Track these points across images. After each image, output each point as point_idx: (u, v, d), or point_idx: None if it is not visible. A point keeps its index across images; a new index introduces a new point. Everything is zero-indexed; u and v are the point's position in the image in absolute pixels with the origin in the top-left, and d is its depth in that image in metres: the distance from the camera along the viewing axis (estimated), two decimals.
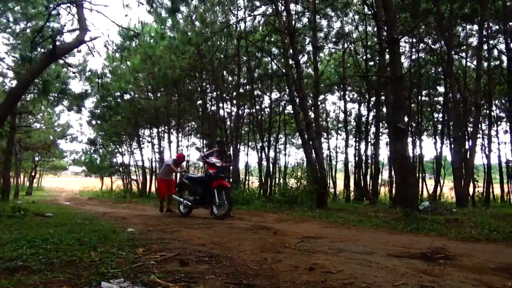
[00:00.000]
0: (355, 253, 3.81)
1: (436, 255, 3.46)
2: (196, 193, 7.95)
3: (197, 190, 7.92)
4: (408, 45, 18.26)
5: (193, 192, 8.06)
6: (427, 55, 17.81)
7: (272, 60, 17.17)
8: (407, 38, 17.48)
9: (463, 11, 14.64)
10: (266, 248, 3.98)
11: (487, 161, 17.70)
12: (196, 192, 7.95)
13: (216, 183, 7.49)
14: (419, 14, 13.65)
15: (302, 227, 6.16)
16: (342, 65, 18.69)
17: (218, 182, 7.49)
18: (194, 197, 7.95)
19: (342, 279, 2.69)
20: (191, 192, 8.14)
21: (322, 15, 16.49)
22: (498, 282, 2.69)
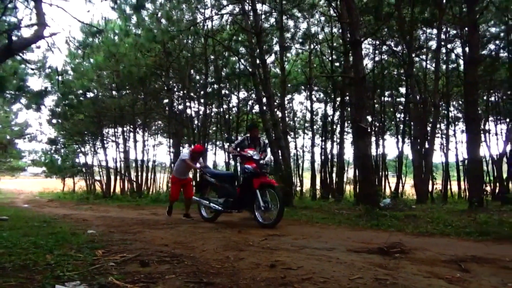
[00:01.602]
0: (316, 249, 3.89)
1: (392, 250, 3.60)
2: (228, 194, 6.39)
3: (228, 191, 6.42)
4: (372, 47, 18.81)
5: (223, 193, 6.50)
6: (390, 57, 18.41)
7: (239, 60, 17.18)
8: (370, 40, 18.01)
9: (423, 15, 15.23)
10: (229, 247, 4.00)
11: (445, 159, 18.55)
12: (228, 193, 6.40)
13: (258, 181, 5.95)
14: (381, 17, 14.07)
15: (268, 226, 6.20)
16: (309, 66, 18.99)
17: (260, 180, 5.97)
18: (226, 199, 6.39)
19: (301, 274, 2.75)
20: (220, 193, 6.60)
21: (289, 16, 16.67)
22: (448, 273, 2.83)
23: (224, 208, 6.41)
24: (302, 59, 20.29)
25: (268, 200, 5.86)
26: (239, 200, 6.25)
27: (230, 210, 6.49)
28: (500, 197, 11.94)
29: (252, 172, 6.04)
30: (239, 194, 6.25)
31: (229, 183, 6.57)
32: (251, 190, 5.98)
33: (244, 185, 6.18)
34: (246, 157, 6.25)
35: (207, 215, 6.87)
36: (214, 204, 6.54)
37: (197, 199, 7.01)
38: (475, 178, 9.27)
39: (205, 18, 15.74)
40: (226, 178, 6.74)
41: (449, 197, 17.06)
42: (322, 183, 18.86)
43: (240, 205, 6.35)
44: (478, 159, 9.59)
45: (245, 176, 6.15)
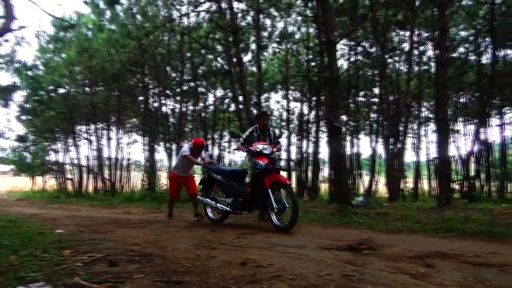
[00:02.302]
0: (288, 247, 3.93)
1: (361, 246, 3.68)
2: (237, 193, 5.75)
3: (237, 190, 5.77)
4: (347, 48, 19.09)
5: (231, 192, 5.86)
6: (364, 58, 18.74)
7: (215, 58, 17.10)
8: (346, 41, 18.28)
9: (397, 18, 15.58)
10: (201, 245, 3.99)
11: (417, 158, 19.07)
12: (236, 192, 5.76)
13: (270, 180, 5.23)
14: (356, 18, 14.30)
15: (240, 224, 6.22)
16: (285, 65, 19.09)
17: (272, 178, 5.25)
18: (234, 199, 5.75)
19: (271, 272, 2.78)
20: (227, 192, 5.96)
21: (266, 15, 16.71)
22: (412, 269, 2.92)
23: (232, 208, 5.73)
24: (279, 58, 20.39)
25: (282, 200, 5.17)
26: (249, 199, 5.56)
27: (239, 211, 5.81)
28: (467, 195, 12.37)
29: (264, 169, 5.31)
30: (249, 193, 5.54)
31: (238, 181, 5.94)
32: (263, 189, 5.30)
33: (255, 183, 5.49)
34: (256, 152, 5.53)
35: (214, 217, 6.26)
36: (221, 205, 5.88)
37: (202, 199, 6.35)
38: (443, 176, 9.57)
39: (181, 14, 15.57)
40: (234, 175, 6.08)
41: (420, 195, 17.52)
42: (298, 182, 19.03)
43: (250, 205, 5.68)
44: (446, 159, 9.90)
45: (256, 173, 5.47)
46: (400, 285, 2.46)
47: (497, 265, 3.01)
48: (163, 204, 10.09)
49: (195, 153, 6.69)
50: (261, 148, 5.50)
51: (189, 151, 6.63)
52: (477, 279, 2.66)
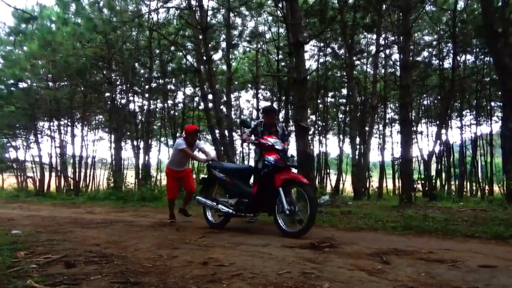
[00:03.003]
0: (252, 245, 3.95)
1: (322, 244, 3.75)
2: (241, 193, 5.13)
3: (242, 189, 5.16)
4: (317, 49, 19.40)
5: (235, 192, 5.20)
6: (333, 59, 19.10)
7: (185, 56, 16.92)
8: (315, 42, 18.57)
9: (364, 21, 15.97)
10: (164, 245, 3.94)
11: (382, 158, 19.66)
12: (241, 192, 5.14)
13: (282, 177, 4.68)
14: (325, 20, 14.54)
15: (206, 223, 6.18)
16: (256, 64, 19.16)
17: (284, 176, 4.70)
18: (238, 199, 5.12)
19: (232, 271, 2.78)
20: (231, 192, 5.27)
21: (236, 13, 16.69)
22: (370, 266, 3.01)
23: (236, 211, 5.11)
24: (249, 58, 20.43)
25: (294, 201, 4.66)
26: (255, 201, 4.98)
27: (244, 214, 5.15)
28: (428, 194, 12.87)
29: (274, 166, 4.77)
30: (256, 194, 4.95)
31: (243, 180, 5.35)
32: (272, 189, 4.75)
33: (263, 182, 4.90)
34: (266, 146, 4.98)
35: (214, 220, 5.59)
36: (223, 206, 5.25)
37: (202, 200, 5.62)
38: (406, 176, 9.90)
39: (150, 10, 15.31)
40: (239, 173, 5.47)
41: (384, 194, 18.08)
42: None
43: (257, 207, 5.09)
44: (409, 159, 10.24)
45: (266, 170, 4.86)
46: (357, 282, 2.53)
47: (449, 261, 3.15)
48: (128, 203, 9.90)
49: (190, 144, 5.97)
50: (273, 142, 4.96)
51: (184, 141, 5.94)
52: (429, 274, 2.77)
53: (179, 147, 5.91)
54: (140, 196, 10.80)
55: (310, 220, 4.43)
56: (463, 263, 3.09)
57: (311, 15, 14.79)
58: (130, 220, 6.30)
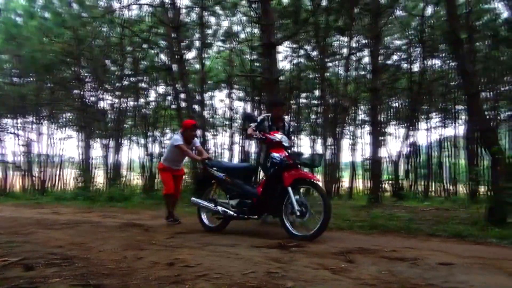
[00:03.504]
0: (220, 246, 3.94)
1: (289, 244, 3.79)
2: (244, 194, 4.78)
3: (245, 189, 4.80)
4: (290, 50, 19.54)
5: (237, 192, 4.85)
6: (306, 60, 19.30)
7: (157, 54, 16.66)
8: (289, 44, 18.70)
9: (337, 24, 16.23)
10: (131, 246, 3.87)
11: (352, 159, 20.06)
12: (244, 193, 4.78)
13: (291, 176, 4.38)
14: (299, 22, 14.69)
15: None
16: (230, 64, 19.12)
17: (294, 174, 4.40)
18: (241, 200, 4.78)
19: (198, 271, 2.77)
20: (232, 192, 4.91)
21: (211, 12, 16.59)
22: (334, 264, 3.06)
23: (238, 212, 4.75)
24: (223, 57, 20.35)
25: (305, 202, 4.35)
26: (260, 202, 4.62)
27: (248, 216, 4.75)
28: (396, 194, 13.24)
29: (282, 164, 4.46)
30: (261, 194, 4.61)
31: (245, 179, 4.97)
32: (280, 189, 4.46)
33: (270, 181, 4.61)
34: (273, 143, 4.66)
35: (210, 223, 5.21)
36: (223, 208, 4.86)
37: (197, 202, 5.20)
38: (374, 176, 10.17)
39: (122, 6, 14.99)
40: (241, 172, 5.08)
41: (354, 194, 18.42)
42: None
43: (262, 209, 4.73)
44: (378, 159, 10.51)
45: (273, 169, 4.54)
46: (320, 280, 2.57)
47: (410, 259, 3.25)
48: (96, 204, 9.66)
49: (188, 141, 5.61)
50: (279, 138, 4.65)
51: (181, 137, 5.55)
52: (391, 272, 2.85)
53: (175, 143, 5.55)
54: (109, 196, 10.56)
55: (324, 222, 4.13)
56: (423, 261, 3.20)
57: (285, 17, 14.91)
58: (97, 221, 6.13)
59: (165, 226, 5.60)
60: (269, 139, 4.70)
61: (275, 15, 12.46)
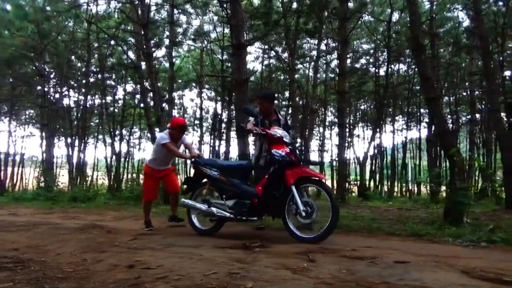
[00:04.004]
0: (183, 247, 3.91)
1: (253, 245, 3.81)
2: (241, 194, 4.45)
3: (242, 189, 4.47)
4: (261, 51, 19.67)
5: (233, 192, 4.52)
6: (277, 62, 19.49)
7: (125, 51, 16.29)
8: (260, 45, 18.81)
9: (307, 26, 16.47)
10: (91, 248, 3.77)
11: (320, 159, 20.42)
12: (241, 193, 4.46)
13: (295, 174, 4.13)
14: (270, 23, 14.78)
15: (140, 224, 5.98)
16: (200, 63, 19.01)
17: (298, 172, 4.15)
18: (238, 201, 4.46)
19: (158, 273, 2.73)
20: (227, 192, 4.58)
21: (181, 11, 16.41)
22: (296, 264, 3.10)
23: (236, 214, 4.43)
24: (194, 56, 20.21)
25: (311, 202, 4.13)
26: (261, 202, 4.31)
27: (246, 217, 4.41)
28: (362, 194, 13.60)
29: (284, 161, 4.20)
30: (262, 194, 4.30)
31: (241, 178, 4.60)
32: (282, 188, 4.22)
33: (271, 180, 4.30)
34: (274, 139, 4.37)
35: (201, 226, 4.90)
36: (218, 209, 4.54)
37: (188, 203, 4.86)
38: (341, 177, 10.39)
39: (89, 1, 14.56)
40: (236, 170, 4.72)
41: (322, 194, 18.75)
42: None
43: (262, 209, 4.41)
44: (344, 160, 10.76)
45: (275, 166, 4.27)
46: (280, 280, 2.60)
47: (369, 257, 3.34)
48: (58, 204, 9.34)
49: (175, 139, 5.26)
50: (280, 134, 4.36)
51: (168, 136, 5.24)
52: (350, 271, 2.92)
53: (161, 142, 5.20)
54: (72, 196, 10.24)
55: (332, 223, 3.93)
56: (381, 259, 3.29)
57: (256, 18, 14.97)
58: (57, 222, 5.93)
59: (129, 227, 5.49)
60: (269, 135, 4.38)
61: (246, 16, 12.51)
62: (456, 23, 16.76)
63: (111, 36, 14.46)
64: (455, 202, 5.06)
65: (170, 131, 5.28)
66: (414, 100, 20.02)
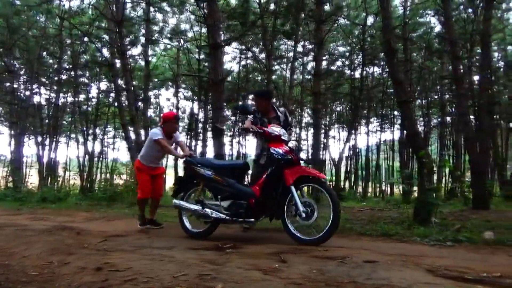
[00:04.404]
0: (156, 248, 3.86)
1: (226, 246, 3.80)
2: (237, 194, 4.30)
3: (238, 189, 4.32)
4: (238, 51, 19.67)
5: (228, 192, 4.36)
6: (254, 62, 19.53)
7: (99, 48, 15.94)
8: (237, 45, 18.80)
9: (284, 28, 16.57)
10: (58, 251, 3.66)
11: None
12: (237, 193, 4.31)
13: (295, 173, 4.03)
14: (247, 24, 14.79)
15: (112, 225, 5.91)
16: (176, 62, 18.83)
17: (297, 172, 4.05)
18: (234, 202, 4.31)
19: (126, 276, 2.68)
20: (222, 192, 4.41)
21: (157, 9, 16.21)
22: (267, 265, 3.11)
23: (232, 216, 4.26)
24: (170, 55, 20.00)
25: (311, 202, 4.01)
26: (259, 203, 4.17)
27: (244, 219, 4.26)
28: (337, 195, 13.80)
29: (283, 160, 4.09)
30: (260, 194, 4.16)
31: (237, 178, 4.43)
32: (281, 188, 4.10)
33: (270, 179, 4.17)
34: (272, 137, 4.25)
35: (194, 228, 4.71)
36: (213, 211, 4.36)
37: (180, 204, 4.64)
38: None
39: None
40: (232, 169, 4.53)
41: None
42: None
43: (260, 211, 4.25)
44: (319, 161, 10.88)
45: (273, 166, 4.16)
46: (250, 281, 2.60)
47: (339, 257, 3.39)
48: (26, 205, 9.05)
49: (168, 134, 5.06)
50: (278, 132, 4.25)
51: (161, 131, 5.00)
52: (320, 271, 2.95)
53: (154, 137, 4.97)
54: (42, 197, 9.94)
55: (333, 224, 3.85)
56: (351, 259, 3.35)
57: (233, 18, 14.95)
58: (25, 224, 5.73)
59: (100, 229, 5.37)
60: (267, 133, 4.26)
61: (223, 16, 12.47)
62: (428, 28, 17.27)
63: (84, 33, 14.11)
64: (424, 203, 5.20)
65: (163, 127, 5.07)
66: (388, 102, 20.49)
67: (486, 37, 8.26)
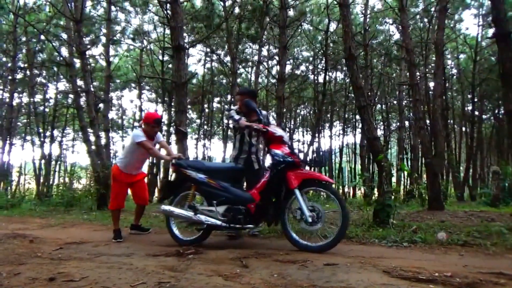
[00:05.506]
0: (114, 256, 3.74)
1: (187, 252, 3.75)
2: (234, 199, 4.03)
3: (235, 194, 4.06)
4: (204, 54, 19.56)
5: (223, 197, 4.06)
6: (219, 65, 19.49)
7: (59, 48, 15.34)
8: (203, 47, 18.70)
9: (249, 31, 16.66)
10: (8, 260, 3.47)
11: None
12: (234, 198, 4.04)
13: (299, 176, 3.79)
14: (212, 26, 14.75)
15: (69, 232, 5.67)
16: (140, 63, 18.44)
17: (301, 175, 3.80)
18: (230, 207, 4.02)
19: (81, 286, 2.59)
20: (217, 198, 4.08)
21: (119, 8, 15.83)
22: (229, 270, 3.10)
23: (229, 222, 4.00)
24: (133, 56, 19.56)
25: (317, 207, 3.83)
26: (259, 208, 3.96)
27: (242, 226, 4.03)
28: None
29: (286, 162, 3.85)
30: (260, 199, 3.95)
31: (232, 182, 4.20)
32: (284, 191, 3.89)
33: (271, 183, 3.93)
34: (274, 137, 4.02)
35: (184, 236, 4.46)
36: (207, 217, 4.07)
37: (170, 210, 4.29)
38: None
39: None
40: (227, 173, 4.28)
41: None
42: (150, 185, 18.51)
43: (260, 216, 4.03)
44: None
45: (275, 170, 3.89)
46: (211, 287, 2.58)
47: (300, 261, 3.43)
48: None
49: (150, 136, 4.65)
50: (279, 133, 4.04)
51: (142, 132, 4.59)
52: (281, 275, 2.98)
53: (137, 140, 4.52)
54: None
55: (341, 230, 3.67)
56: (312, 262, 3.40)
57: (198, 20, 14.86)
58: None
59: (55, 236, 5.13)
60: (270, 133, 4.02)
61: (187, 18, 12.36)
62: (387, 36, 17.95)
63: (40, 32, 13.50)
64: (383, 205, 5.37)
65: (143, 128, 4.65)
66: (350, 106, 21.08)
67: (440, 46, 8.68)
